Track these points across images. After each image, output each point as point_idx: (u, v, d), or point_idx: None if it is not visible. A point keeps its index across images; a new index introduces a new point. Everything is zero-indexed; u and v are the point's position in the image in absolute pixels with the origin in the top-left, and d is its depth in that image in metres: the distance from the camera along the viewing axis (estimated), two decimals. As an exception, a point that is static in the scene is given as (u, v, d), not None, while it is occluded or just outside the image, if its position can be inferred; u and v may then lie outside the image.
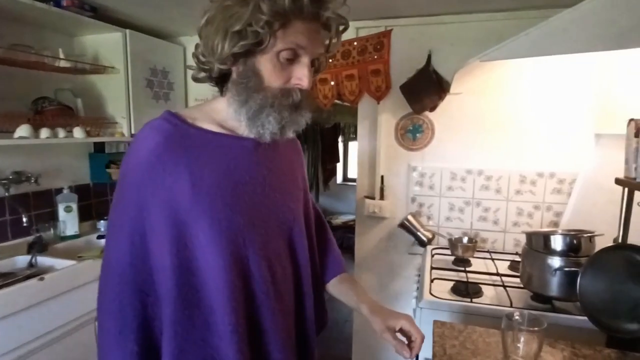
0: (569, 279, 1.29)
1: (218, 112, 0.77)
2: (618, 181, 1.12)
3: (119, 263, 0.71)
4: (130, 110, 2.08)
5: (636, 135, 1.03)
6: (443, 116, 2.06)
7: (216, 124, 0.75)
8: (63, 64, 1.86)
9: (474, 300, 1.41)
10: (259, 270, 0.74)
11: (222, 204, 0.71)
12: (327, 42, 0.74)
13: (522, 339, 0.90)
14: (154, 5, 1.91)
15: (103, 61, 2.04)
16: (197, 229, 0.69)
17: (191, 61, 0.78)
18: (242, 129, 0.75)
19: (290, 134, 0.76)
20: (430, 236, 2.01)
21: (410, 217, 2.02)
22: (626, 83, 1.59)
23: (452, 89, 1.97)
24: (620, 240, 1.27)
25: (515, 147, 1.98)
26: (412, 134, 2.12)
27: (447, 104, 2.02)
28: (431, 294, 1.45)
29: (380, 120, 2.13)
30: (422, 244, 2.00)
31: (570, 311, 1.32)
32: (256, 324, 0.75)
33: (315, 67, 0.77)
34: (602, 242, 1.30)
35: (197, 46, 0.74)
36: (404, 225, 2.01)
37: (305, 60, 0.70)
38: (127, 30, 2.02)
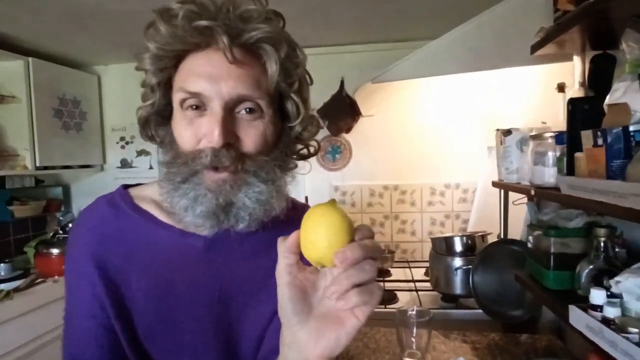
0: (468, 276, 1.41)
1: None
2: (494, 184, 1.28)
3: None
4: (34, 142, 1.95)
5: (501, 143, 1.20)
6: (358, 137, 2.20)
7: (163, 209, 0.55)
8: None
9: (387, 306, 1.48)
10: None
11: (143, 325, 0.53)
12: (269, 72, 0.50)
13: (414, 332, 0.97)
14: (58, 34, 1.86)
15: (1, 90, 1.91)
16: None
17: (107, 89, 0.69)
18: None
19: (241, 225, 0.50)
20: (354, 251, 2.08)
21: (333, 234, 2.09)
22: (504, 101, 1.84)
23: (364, 112, 2.13)
24: (502, 236, 1.43)
25: (424, 162, 2.16)
26: (332, 155, 2.23)
27: (361, 125, 2.17)
28: (349, 304, 1.50)
29: (301, 143, 2.21)
30: (347, 259, 2.07)
31: (472, 306, 1.44)
32: None
33: (255, 113, 0.50)
34: (495, 239, 1.45)
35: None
36: (329, 243, 2.07)
37: (215, 107, 0.48)
38: (30, 59, 1.93)
